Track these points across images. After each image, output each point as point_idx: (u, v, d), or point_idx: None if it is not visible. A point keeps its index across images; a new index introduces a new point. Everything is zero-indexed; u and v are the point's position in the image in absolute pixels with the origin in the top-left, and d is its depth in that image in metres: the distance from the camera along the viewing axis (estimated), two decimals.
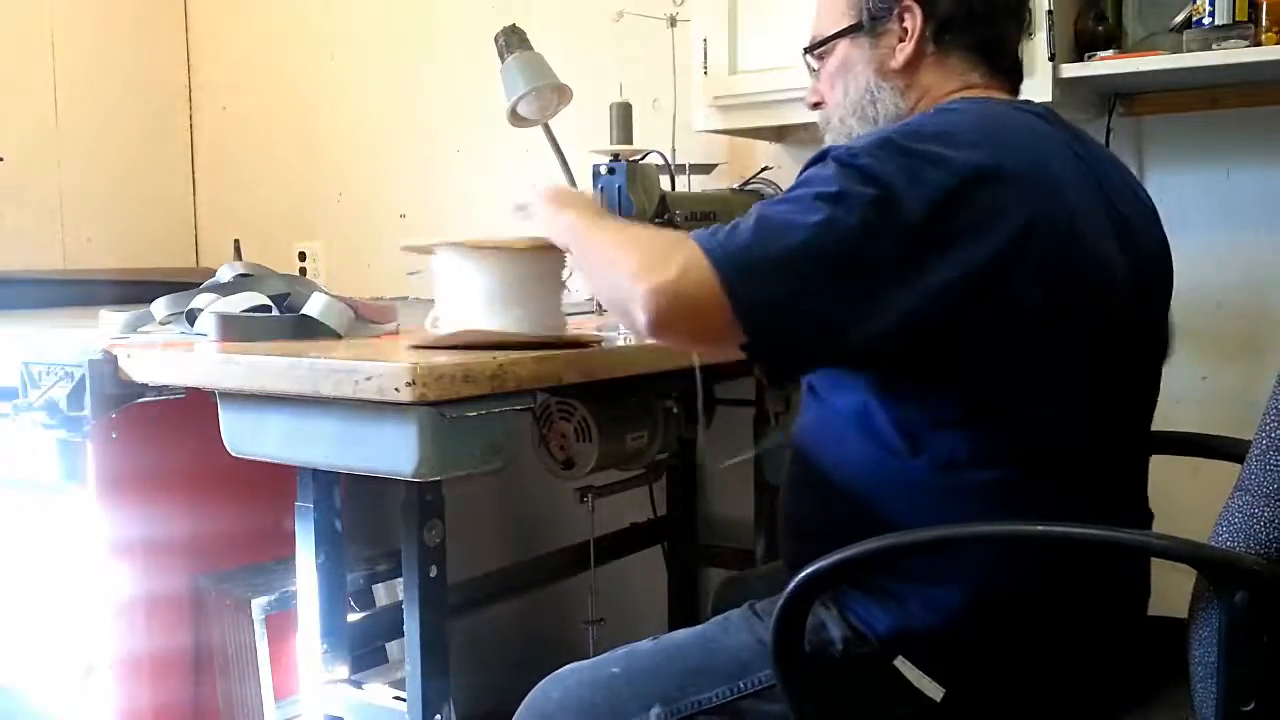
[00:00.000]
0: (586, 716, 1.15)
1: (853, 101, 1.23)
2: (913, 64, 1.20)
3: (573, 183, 1.98)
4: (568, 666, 1.23)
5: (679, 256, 1.00)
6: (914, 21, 1.19)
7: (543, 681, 1.22)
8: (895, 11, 1.20)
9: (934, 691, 1.06)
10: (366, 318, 1.55)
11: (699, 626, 1.22)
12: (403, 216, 2.85)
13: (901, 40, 1.20)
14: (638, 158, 1.62)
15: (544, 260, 1.29)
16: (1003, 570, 1.06)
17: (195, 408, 1.36)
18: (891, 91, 1.21)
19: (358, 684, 1.50)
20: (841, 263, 0.98)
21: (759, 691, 1.10)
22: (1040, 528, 0.98)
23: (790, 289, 0.98)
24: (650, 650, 1.19)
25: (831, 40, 1.26)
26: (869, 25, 1.22)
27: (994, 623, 1.07)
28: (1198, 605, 0.91)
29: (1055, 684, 1.10)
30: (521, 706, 1.21)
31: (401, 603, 1.36)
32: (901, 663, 1.06)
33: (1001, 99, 1.19)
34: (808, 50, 1.31)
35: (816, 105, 1.31)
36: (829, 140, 1.25)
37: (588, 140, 1.82)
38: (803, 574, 0.97)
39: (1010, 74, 1.23)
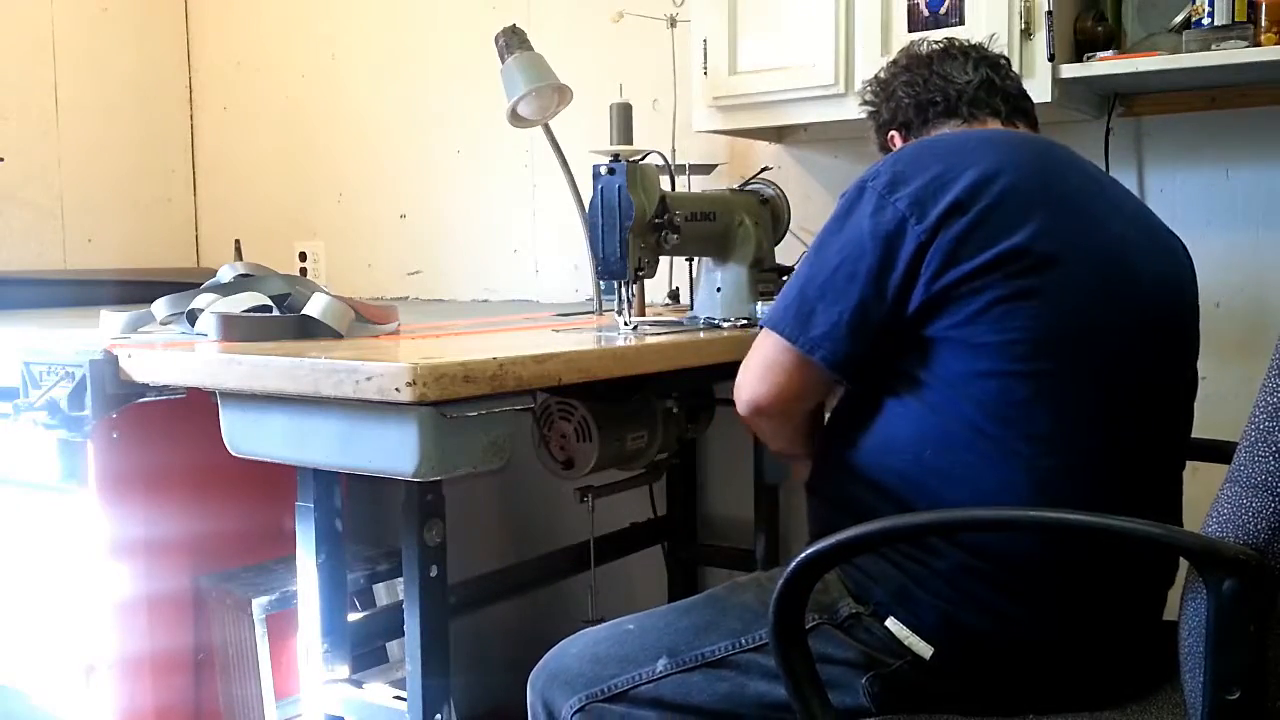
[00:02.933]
0: (599, 665, 1.24)
1: None
2: None
3: (572, 183, 1.98)
4: (584, 630, 1.31)
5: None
6: (898, 139, 1.42)
7: (561, 642, 1.30)
8: (886, 146, 1.44)
9: (923, 650, 1.12)
10: (367, 318, 1.55)
11: (710, 589, 1.33)
12: (403, 217, 2.85)
13: None
14: (638, 158, 1.62)
15: None
16: (1004, 541, 1.11)
17: (196, 408, 1.36)
18: None
19: (358, 684, 1.50)
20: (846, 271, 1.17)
21: (758, 647, 1.18)
22: (1034, 513, 1.05)
23: (803, 308, 1.19)
24: (663, 610, 1.30)
25: None
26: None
27: (991, 595, 1.11)
28: (1187, 595, 0.92)
29: (1053, 663, 1.13)
30: (539, 663, 1.29)
31: (402, 602, 1.37)
32: (892, 623, 1.13)
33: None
34: None
35: None
36: None
37: (588, 140, 1.82)
38: (803, 555, 1.00)
39: (995, 110, 1.37)
